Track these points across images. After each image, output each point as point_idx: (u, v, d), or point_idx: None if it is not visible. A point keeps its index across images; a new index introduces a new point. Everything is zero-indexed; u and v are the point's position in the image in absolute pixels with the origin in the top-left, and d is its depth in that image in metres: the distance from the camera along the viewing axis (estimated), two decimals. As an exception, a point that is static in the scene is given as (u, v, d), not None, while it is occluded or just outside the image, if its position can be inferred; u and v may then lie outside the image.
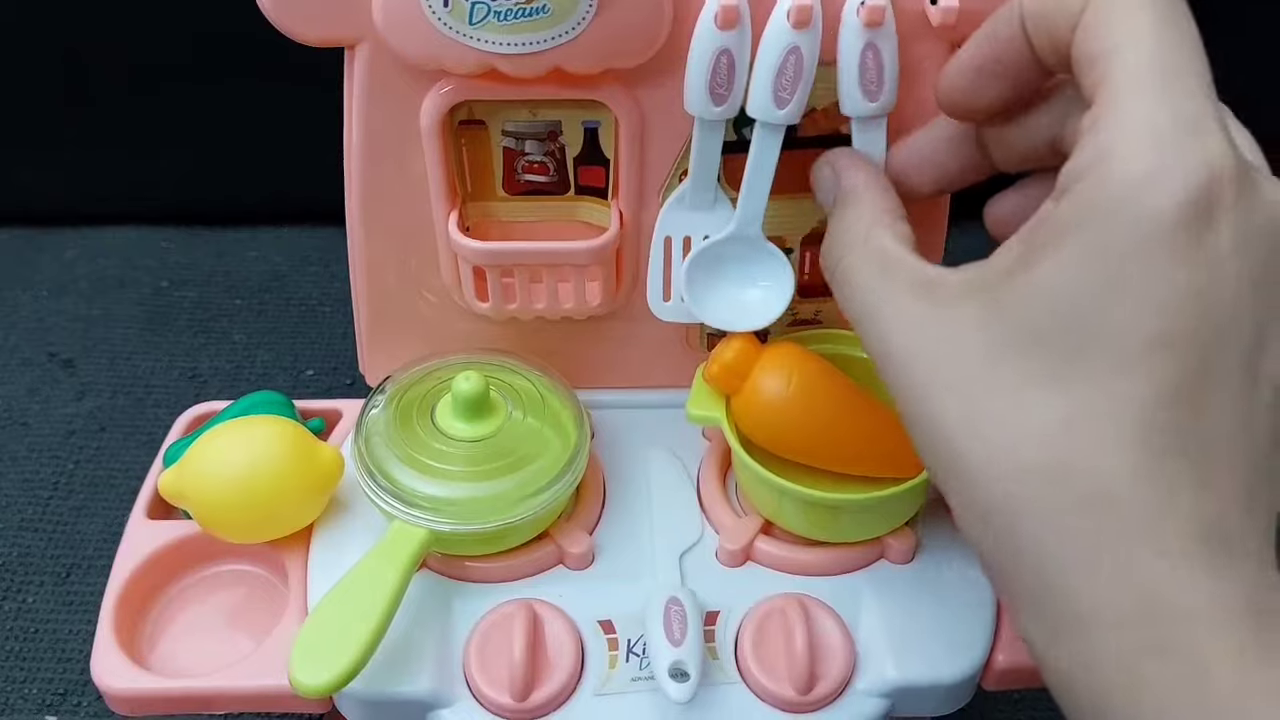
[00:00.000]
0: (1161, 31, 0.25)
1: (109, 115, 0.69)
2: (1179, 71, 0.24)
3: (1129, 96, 0.24)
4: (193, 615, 0.39)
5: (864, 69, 0.35)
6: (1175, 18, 0.25)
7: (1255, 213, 0.24)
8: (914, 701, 0.37)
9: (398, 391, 0.40)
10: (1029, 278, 0.25)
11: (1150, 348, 0.23)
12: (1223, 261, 0.23)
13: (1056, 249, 0.24)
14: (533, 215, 0.41)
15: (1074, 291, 0.24)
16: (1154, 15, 0.25)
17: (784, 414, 0.37)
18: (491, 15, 0.33)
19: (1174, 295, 0.23)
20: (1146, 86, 0.24)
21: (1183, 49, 0.25)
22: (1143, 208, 0.23)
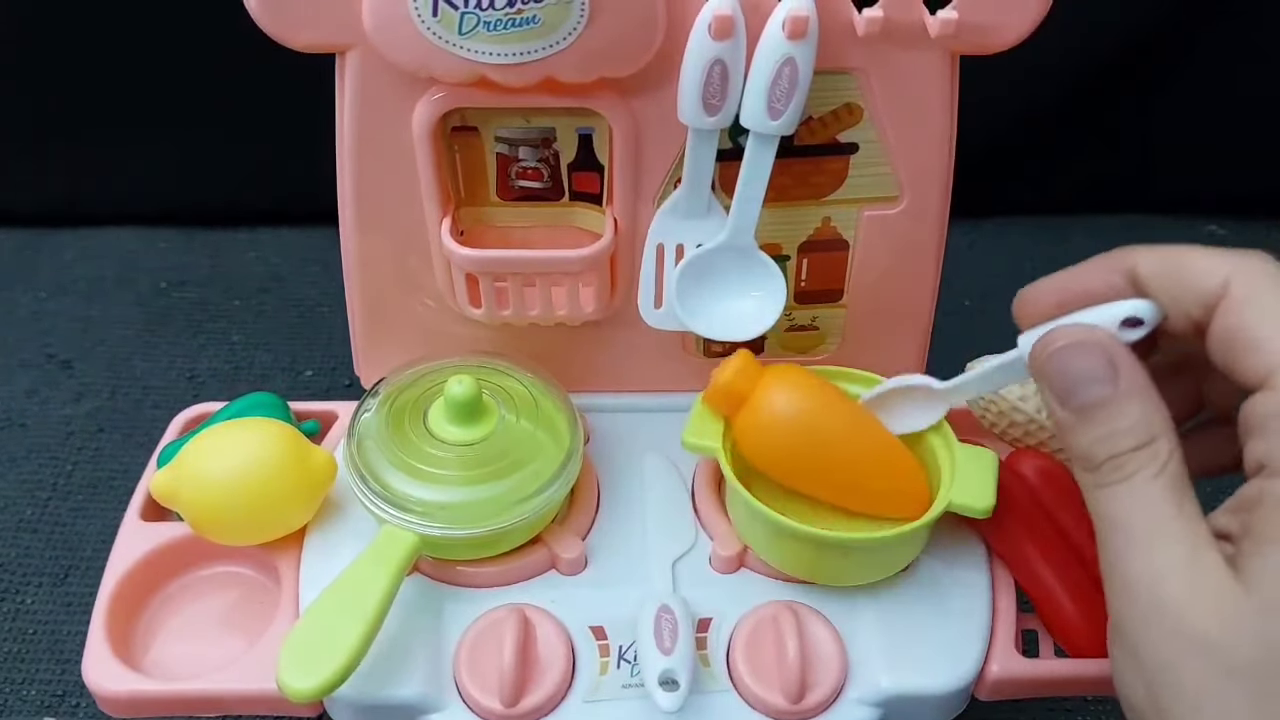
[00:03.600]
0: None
1: (109, 116, 0.69)
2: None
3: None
4: (185, 617, 0.39)
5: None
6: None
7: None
8: (907, 711, 0.37)
9: (390, 395, 0.40)
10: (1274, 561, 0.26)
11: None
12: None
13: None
14: (527, 221, 0.41)
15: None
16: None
17: (787, 435, 0.37)
18: (481, 25, 0.33)
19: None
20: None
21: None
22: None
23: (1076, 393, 0.30)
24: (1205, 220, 0.75)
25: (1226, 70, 0.69)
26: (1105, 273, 0.31)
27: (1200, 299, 0.29)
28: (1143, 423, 0.29)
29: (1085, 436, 0.29)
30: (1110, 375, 0.29)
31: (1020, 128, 0.71)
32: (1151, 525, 0.28)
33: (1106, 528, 0.29)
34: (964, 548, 0.39)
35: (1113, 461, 0.29)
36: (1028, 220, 0.75)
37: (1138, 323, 0.30)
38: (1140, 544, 0.28)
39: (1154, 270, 0.30)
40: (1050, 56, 0.66)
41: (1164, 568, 0.27)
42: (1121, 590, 0.28)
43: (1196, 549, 0.27)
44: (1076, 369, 0.30)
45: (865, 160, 0.39)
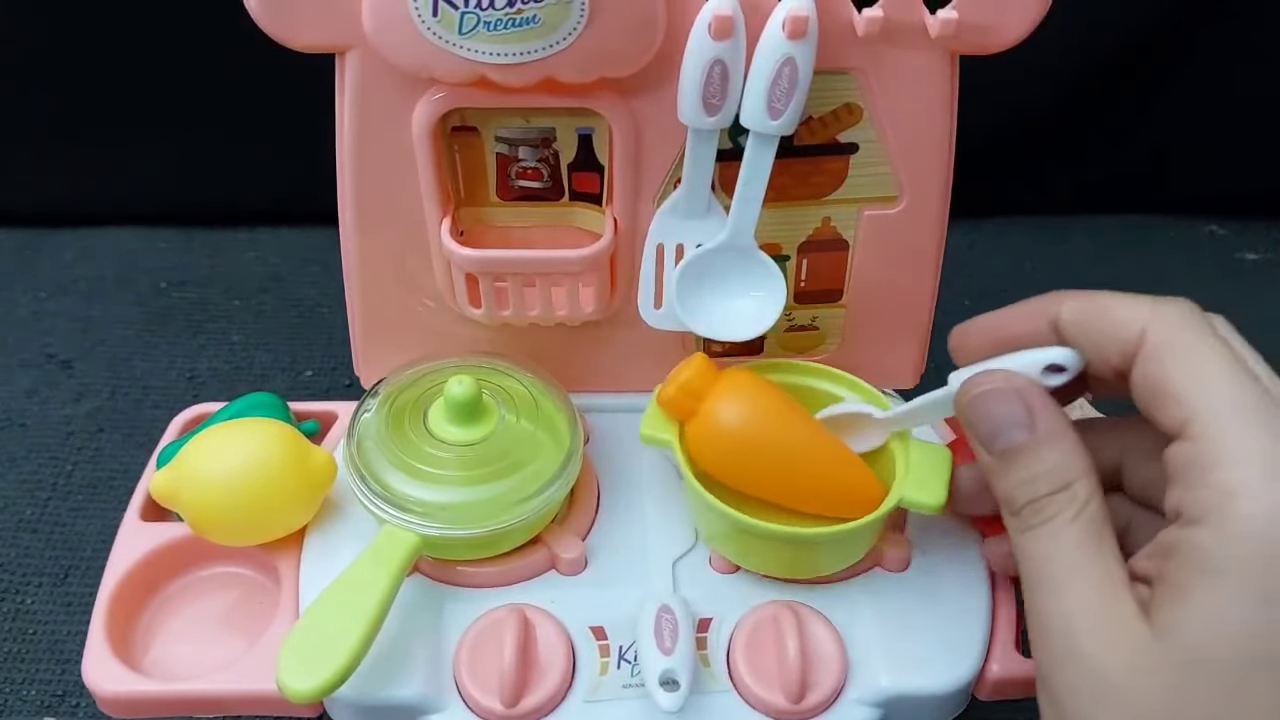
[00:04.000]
0: (1235, 369, 0.27)
1: (108, 115, 0.69)
2: (1266, 404, 0.27)
3: (1238, 437, 0.26)
4: (185, 618, 0.39)
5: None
6: (1238, 350, 0.28)
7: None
8: (907, 711, 0.37)
9: (390, 395, 0.40)
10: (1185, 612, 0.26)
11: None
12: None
13: (1208, 583, 0.26)
14: (527, 221, 0.41)
15: (1238, 632, 0.25)
16: (1224, 354, 0.28)
17: (737, 444, 0.37)
18: (481, 25, 0.33)
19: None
20: (1251, 428, 0.26)
21: (1255, 382, 0.27)
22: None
23: (998, 437, 0.31)
24: (1205, 220, 0.75)
25: (1227, 70, 0.69)
26: (1030, 318, 0.32)
27: (1119, 347, 0.29)
28: (1060, 467, 0.29)
29: (1006, 480, 0.30)
30: (1027, 421, 0.30)
31: (1020, 128, 0.71)
32: (1067, 569, 0.28)
33: (1026, 572, 0.29)
34: (964, 547, 0.39)
35: (1032, 505, 0.29)
36: (1028, 220, 0.75)
37: (1060, 369, 0.31)
38: (1056, 588, 0.28)
39: (1075, 318, 0.31)
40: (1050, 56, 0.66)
41: (1077, 612, 0.28)
42: (1039, 635, 0.28)
43: (1110, 594, 0.27)
44: (996, 414, 0.31)
45: (865, 160, 0.39)
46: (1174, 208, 0.75)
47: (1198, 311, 0.29)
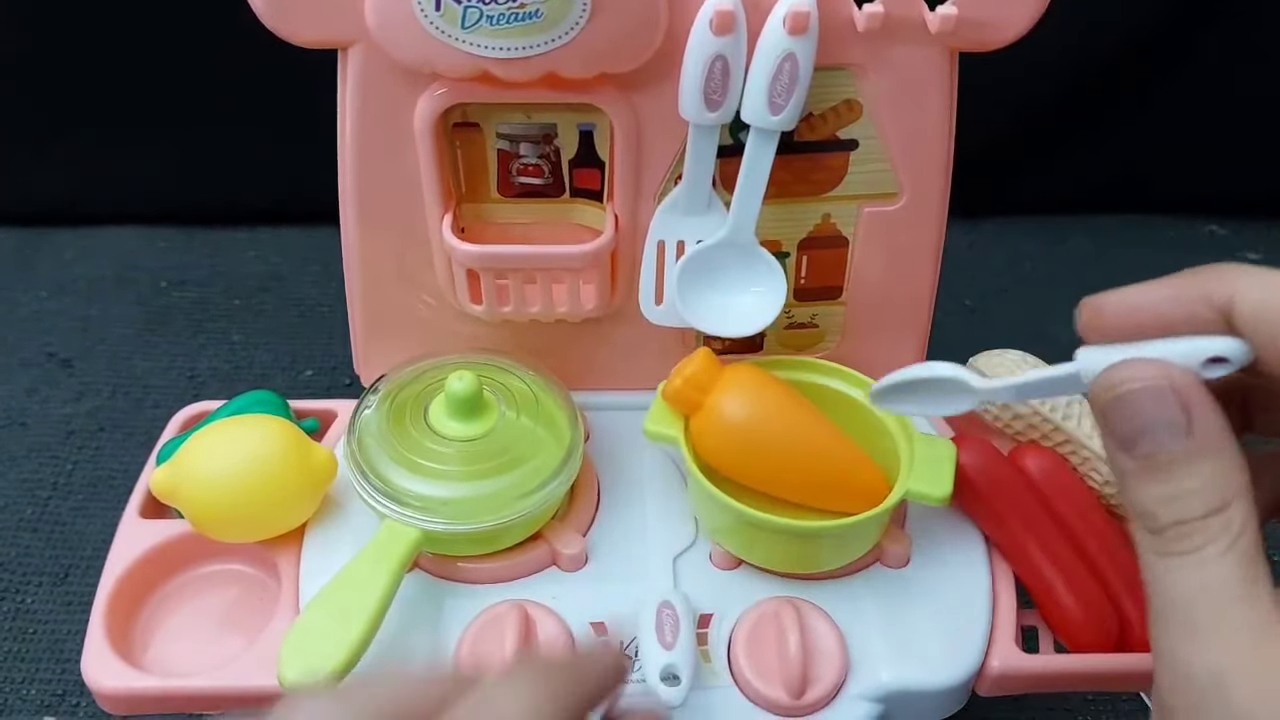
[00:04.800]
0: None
1: (109, 115, 0.69)
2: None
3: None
4: (185, 614, 0.39)
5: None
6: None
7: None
8: (908, 706, 0.37)
9: (391, 391, 0.40)
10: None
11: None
12: None
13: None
14: (528, 217, 0.41)
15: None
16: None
17: (742, 437, 0.36)
18: (484, 19, 0.33)
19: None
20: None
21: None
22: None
23: (1143, 440, 0.26)
24: (1205, 220, 0.76)
25: (1226, 70, 0.69)
26: (1192, 302, 0.27)
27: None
28: (1216, 485, 0.25)
29: (1149, 492, 0.26)
30: (1184, 426, 0.26)
31: (1020, 127, 0.71)
32: (1217, 610, 0.25)
33: (1163, 603, 0.26)
34: (964, 543, 0.39)
35: (1179, 528, 0.25)
36: (1028, 220, 0.75)
37: (1222, 361, 0.26)
38: (1203, 631, 0.25)
39: (1256, 308, 0.26)
40: (1050, 56, 0.66)
41: (1230, 662, 0.24)
42: (1177, 679, 0.25)
43: (1266, 643, 0.24)
44: (1147, 415, 0.26)
45: (865, 157, 0.39)
46: (1173, 207, 0.75)
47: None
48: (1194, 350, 0.26)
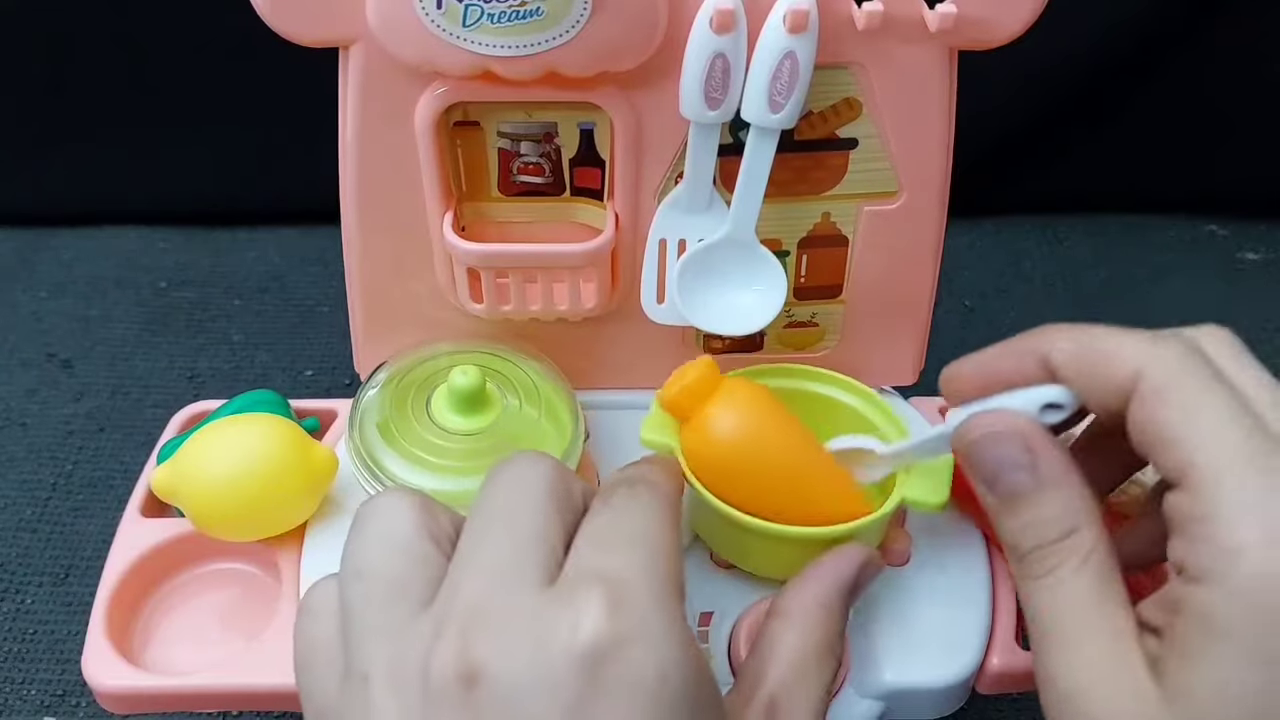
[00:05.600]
0: (1236, 414, 0.26)
1: (109, 115, 0.69)
2: (1267, 453, 0.26)
3: (1236, 490, 0.25)
4: (186, 614, 0.39)
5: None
6: (1241, 387, 0.27)
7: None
8: (908, 704, 0.37)
9: (393, 378, 0.40)
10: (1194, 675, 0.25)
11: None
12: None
13: (1215, 646, 0.25)
14: (528, 216, 0.41)
15: (1244, 694, 0.25)
16: (1223, 398, 0.26)
17: (727, 455, 0.36)
18: (485, 17, 0.33)
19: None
20: (1249, 481, 0.25)
21: (1257, 429, 0.26)
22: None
23: (998, 481, 0.30)
24: (1205, 220, 0.76)
25: (1227, 70, 0.69)
26: (1021, 357, 0.31)
27: (1114, 389, 0.28)
28: (1065, 512, 0.28)
29: (1009, 525, 0.29)
30: (1029, 463, 0.29)
31: (1020, 126, 0.71)
32: (1074, 623, 0.27)
33: (1033, 622, 0.29)
34: (964, 541, 0.39)
35: (1037, 553, 0.29)
36: (1028, 220, 0.75)
37: (1057, 407, 0.30)
38: (1063, 643, 0.27)
39: (1067, 359, 0.30)
40: (1049, 54, 0.66)
41: (1085, 670, 0.27)
42: (1046, 687, 0.28)
43: (1120, 651, 0.27)
44: (996, 456, 0.30)
45: (865, 155, 0.39)
46: (1173, 207, 0.75)
47: (1195, 351, 0.28)
48: (1030, 399, 0.30)
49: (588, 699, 0.24)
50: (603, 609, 0.24)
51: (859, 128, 0.39)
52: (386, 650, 0.25)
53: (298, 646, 0.28)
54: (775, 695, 0.30)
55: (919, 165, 0.39)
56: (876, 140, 0.39)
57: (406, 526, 0.28)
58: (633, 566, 0.26)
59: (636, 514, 0.29)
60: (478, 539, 0.27)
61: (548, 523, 0.27)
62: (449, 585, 0.26)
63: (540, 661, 0.24)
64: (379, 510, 0.28)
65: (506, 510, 0.28)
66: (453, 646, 0.24)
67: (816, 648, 0.31)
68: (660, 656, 0.25)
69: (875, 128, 0.39)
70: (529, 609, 0.25)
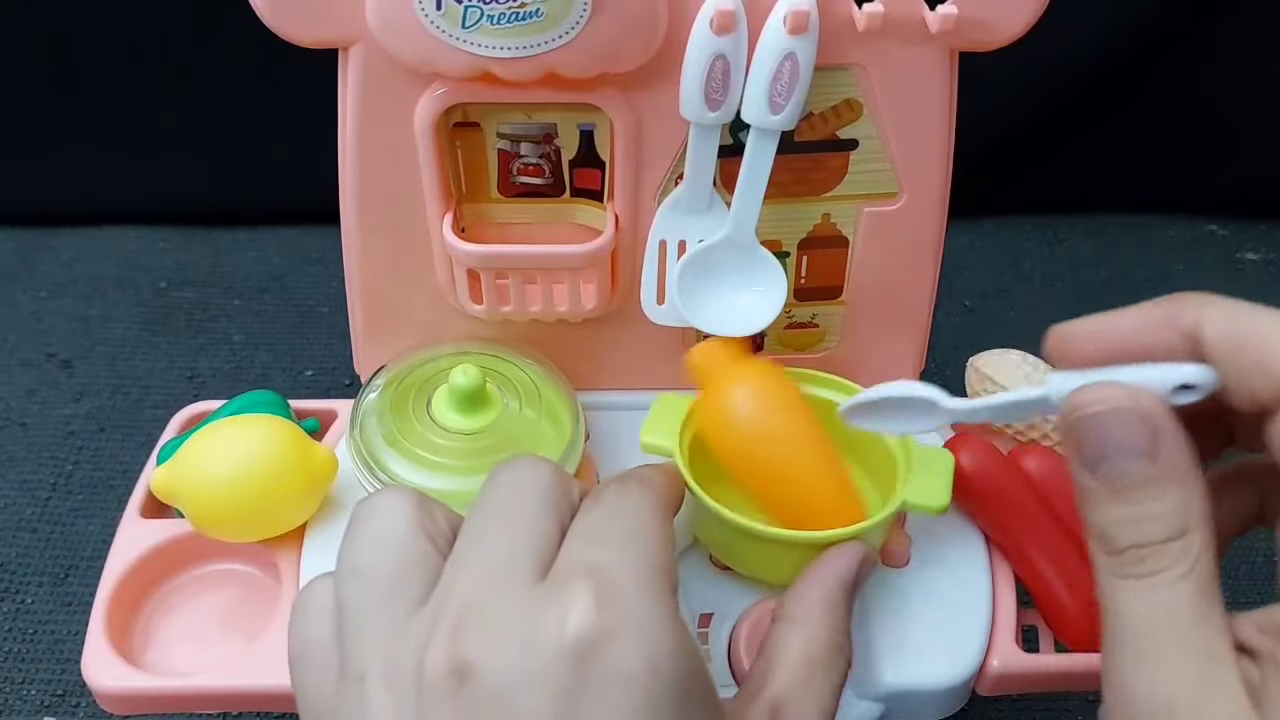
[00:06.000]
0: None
1: (109, 115, 0.69)
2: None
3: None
4: (185, 614, 0.39)
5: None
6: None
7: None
8: (908, 705, 0.37)
9: (394, 379, 0.40)
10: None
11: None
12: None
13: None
14: (528, 217, 0.41)
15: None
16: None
17: (738, 430, 0.35)
18: (485, 19, 0.33)
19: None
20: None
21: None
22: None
23: (1107, 461, 0.26)
24: (1205, 220, 0.76)
25: (1227, 70, 0.69)
26: (1161, 328, 0.27)
27: (1274, 384, 0.25)
28: (1178, 511, 0.25)
29: (1109, 514, 0.26)
30: (1149, 451, 0.26)
31: (1020, 126, 0.71)
32: (1168, 637, 0.25)
33: (1115, 625, 0.26)
34: (964, 542, 0.39)
35: (1136, 552, 0.25)
36: (1028, 220, 0.75)
37: (1190, 388, 0.26)
38: (1151, 657, 0.25)
39: (1222, 337, 0.26)
40: (1049, 55, 0.66)
41: (1177, 690, 0.24)
42: (1124, 703, 0.25)
43: (1216, 673, 0.24)
44: (1112, 436, 0.26)
45: (865, 156, 0.39)
46: (1173, 207, 0.75)
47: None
48: (1163, 377, 0.26)
49: (577, 691, 0.24)
50: (590, 602, 0.24)
51: (859, 129, 0.39)
52: (382, 649, 0.25)
53: (292, 645, 0.28)
54: (781, 698, 0.29)
55: (919, 166, 0.39)
56: (877, 141, 0.39)
57: (403, 525, 0.28)
58: (622, 560, 0.26)
59: (627, 510, 0.29)
60: (474, 539, 0.27)
61: (544, 523, 0.27)
62: (444, 584, 0.26)
63: (529, 655, 0.24)
64: (376, 509, 0.28)
65: (504, 511, 0.28)
66: (444, 643, 0.24)
67: (824, 649, 0.31)
68: (651, 648, 0.24)
69: (875, 129, 0.39)
70: (519, 604, 0.25)
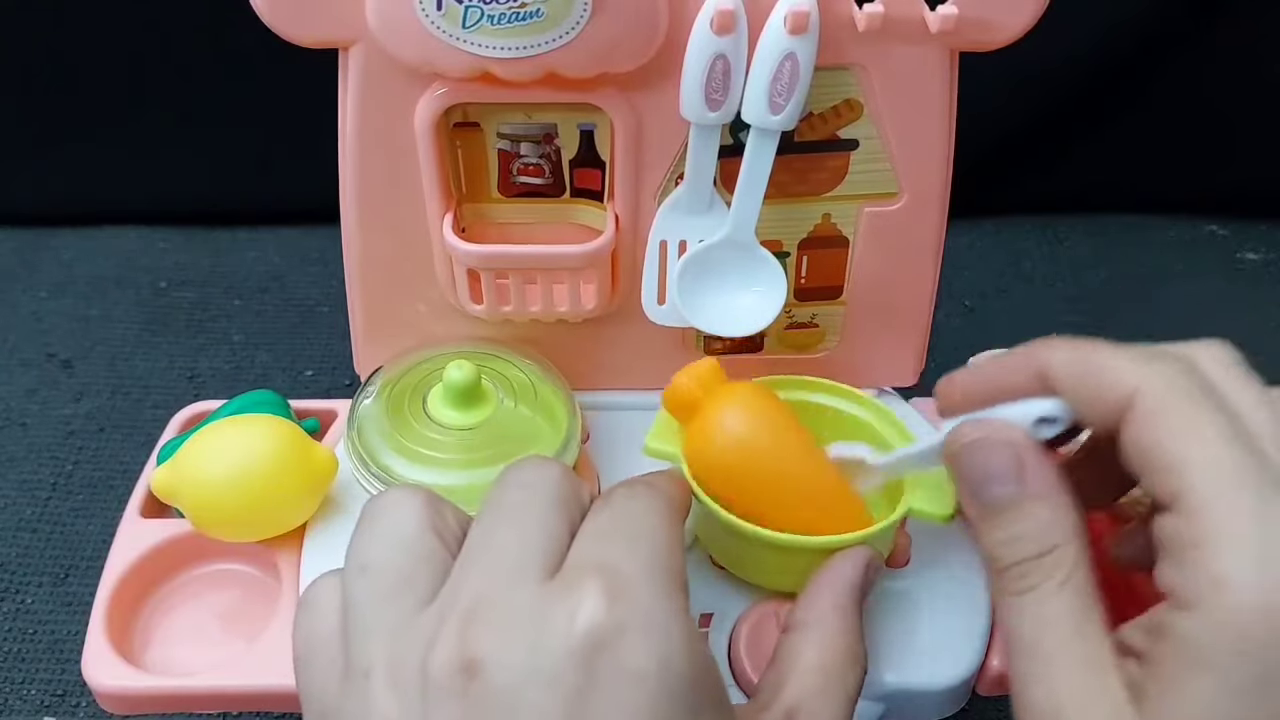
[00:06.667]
0: (1230, 440, 0.25)
1: (108, 115, 0.69)
2: (1260, 480, 0.25)
3: (1228, 518, 0.25)
4: (186, 614, 0.39)
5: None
6: (1237, 408, 0.26)
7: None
8: (909, 706, 0.37)
9: (389, 381, 0.40)
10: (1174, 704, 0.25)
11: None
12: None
13: (1198, 676, 0.25)
14: (528, 218, 0.41)
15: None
16: (1218, 423, 0.26)
17: (726, 457, 0.35)
18: (485, 19, 0.33)
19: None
20: (1242, 509, 0.25)
21: (1253, 455, 0.25)
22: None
23: (984, 489, 0.29)
24: (1205, 220, 0.76)
25: (1227, 70, 0.69)
26: (1018, 370, 0.30)
27: (1110, 407, 0.28)
28: (1048, 528, 0.28)
29: (991, 536, 0.29)
30: (1017, 475, 0.29)
31: (1020, 126, 0.71)
32: (1052, 643, 0.27)
33: (1010, 639, 0.28)
34: (964, 543, 0.39)
35: (1017, 568, 0.28)
36: (1028, 220, 0.75)
37: (1051, 421, 0.29)
38: (1041, 662, 0.27)
39: (1064, 373, 0.29)
40: (1049, 55, 0.66)
41: (1062, 692, 0.26)
42: (1023, 709, 0.27)
43: (1098, 675, 0.26)
44: (984, 465, 0.29)
45: (865, 157, 0.39)
46: (1173, 208, 0.75)
47: (1192, 370, 0.27)
48: (1024, 413, 0.29)
49: (586, 688, 0.24)
50: (601, 599, 0.24)
51: (859, 129, 0.39)
52: (388, 646, 0.25)
53: (298, 642, 0.28)
54: (795, 705, 0.29)
55: (919, 166, 0.39)
56: (877, 141, 0.39)
57: (413, 523, 0.28)
58: (632, 558, 0.26)
59: (637, 511, 0.29)
60: (483, 537, 0.27)
61: (553, 523, 0.28)
62: (453, 582, 0.26)
63: (538, 652, 0.24)
64: (387, 506, 0.28)
65: (513, 510, 0.28)
66: (452, 640, 0.24)
67: (838, 656, 0.31)
68: (662, 646, 0.24)
69: (876, 129, 0.39)
70: (528, 601, 0.25)
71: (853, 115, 0.38)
